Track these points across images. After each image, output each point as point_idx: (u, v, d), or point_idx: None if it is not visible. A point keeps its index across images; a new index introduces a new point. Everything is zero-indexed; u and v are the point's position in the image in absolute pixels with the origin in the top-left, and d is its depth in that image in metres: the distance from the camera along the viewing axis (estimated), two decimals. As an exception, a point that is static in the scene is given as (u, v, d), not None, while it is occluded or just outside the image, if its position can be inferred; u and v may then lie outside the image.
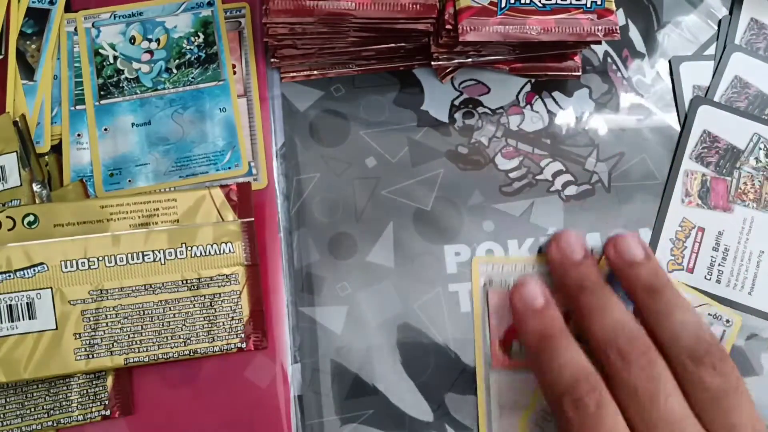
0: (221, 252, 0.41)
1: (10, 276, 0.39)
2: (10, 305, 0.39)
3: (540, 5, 0.43)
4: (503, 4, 0.43)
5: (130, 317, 0.40)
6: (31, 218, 0.40)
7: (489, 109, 0.48)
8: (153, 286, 0.40)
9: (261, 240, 0.44)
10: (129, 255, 0.40)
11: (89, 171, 0.45)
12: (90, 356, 0.39)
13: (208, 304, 0.41)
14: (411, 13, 0.43)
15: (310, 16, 0.42)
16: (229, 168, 0.45)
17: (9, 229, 0.39)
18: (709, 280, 0.45)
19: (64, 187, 0.43)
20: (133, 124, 0.46)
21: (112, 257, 0.40)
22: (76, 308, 0.39)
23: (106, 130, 0.45)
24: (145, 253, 0.40)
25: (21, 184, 0.42)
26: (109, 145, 0.45)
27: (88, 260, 0.40)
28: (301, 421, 0.41)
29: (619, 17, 0.51)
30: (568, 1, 0.43)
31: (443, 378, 0.42)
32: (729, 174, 0.47)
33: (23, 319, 0.39)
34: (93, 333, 0.39)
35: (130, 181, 0.44)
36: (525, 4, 0.43)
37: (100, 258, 0.40)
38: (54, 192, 0.43)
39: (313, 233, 0.44)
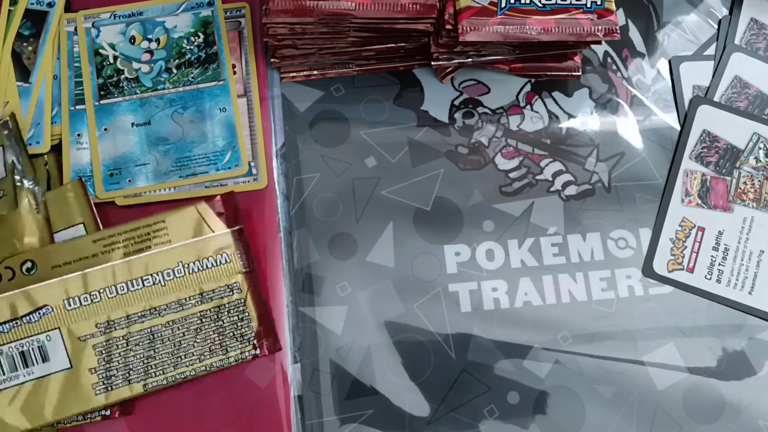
0: (218, 263, 0.41)
1: (17, 323, 0.39)
2: (23, 351, 0.39)
3: (540, 5, 0.43)
4: (503, 4, 0.43)
5: (141, 343, 0.40)
6: (28, 264, 0.40)
7: (489, 109, 0.48)
8: (158, 308, 0.40)
9: (261, 240, 0.44)
10: (129, 283, 0.40)
11: (89, 171, 0.45)
12: (109, 388, 0.39)
13: (215, 317, 0.41)
14: (411, 13, 0.43)
15: (310, 16, 0.42)
16: (229, 168, 0.45)
17: (9, 279, 0.40)
18: (709, 279, 0.45)
19: (63, 186, 0.43)
20: (133, 124, 0.46)
21: (113, 288, 0.40)
22: (87, 343, 0.39)
23: (106, 130, 0.45)
24: (144, 279, 0.40)
25: (6, 176, 0.42)
26: (108, 145, 0.45)
27: (90, 294, 0.40)
28: (301, 421, 0.41)
29: (619, 17, 0.51)
30: (568, 1, 0.43)
31: (443, 378, 0.42)
32: (729, 174, 0.47)
33: (37, 363, 0.39)
34: (108, 365, 0.39)
35: (129, 181, 0.44)
36: (525, 4, 0.43)
37: (101, 290, 0.40)
38: (52, 191, 0.43)
39: (313, 233, 0.44)
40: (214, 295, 0.41)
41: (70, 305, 0.40)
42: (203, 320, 0.41)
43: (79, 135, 0.45)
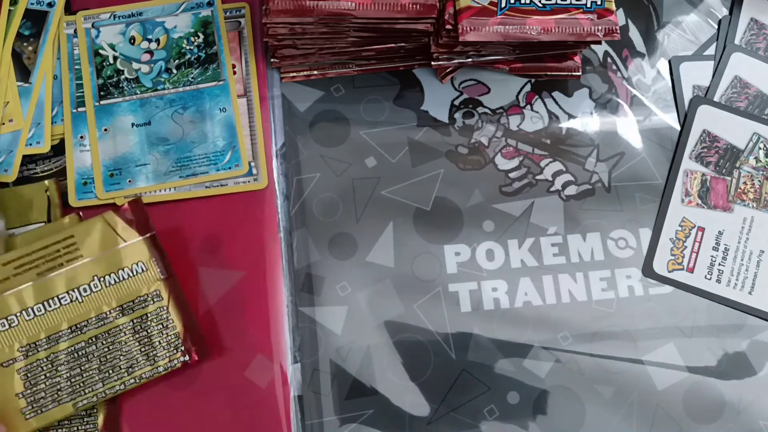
0: (135, 273, 0.40)
1: None
2: None
3: (540, 5, 0.43)
4: (503, 4, 0.43)
5: (66, 363, 0.39)
6: None
7: (489, 109, 0.48)
8: (78, 326, 0.39)
9: (261, 240, 0.44)
10: (45, 303, 0.39)
11: (93, 173, 0.45)
12: (39, 411, 0.39)
13: (139, 327, 0.40)
14: (411, 13, 0.43)
15: (310, 16, 0.42)
16: (230, 168, 0.45)
17: None
18: (709, 279, 0.45)
19: (59, 220, 0.42)
20: (133, 125, 0.46)
21: (30, 310, 0.39)
22: (11, 368, 0.39)
23: (106, 130, 0.45)
24: (60, 297, 0.39)
25: None
26: (109, 145, 0.45)
27: (7, 319, 0.39)
28: (300, 421, 0.41)
29: (619, 17, 0.51)
30: (568, 1, 0.43)
31: (443, 378, 0.42)
32: (729, 174, 0.47)
33: None
34: (34, 388, 0.39)
35: (130, 181, 0.44)
36: (525, 4, 0.43)
37: (18, 314, 0.39)
38: (51, 224, 0.42)
39: (313, 233, 0.44)
40: (134, 305, 0.40)
41: None
42: (126, 332, 0.40)
43: (81, 137, 0.45)
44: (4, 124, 0.45)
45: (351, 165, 0.46)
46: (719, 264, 0.46)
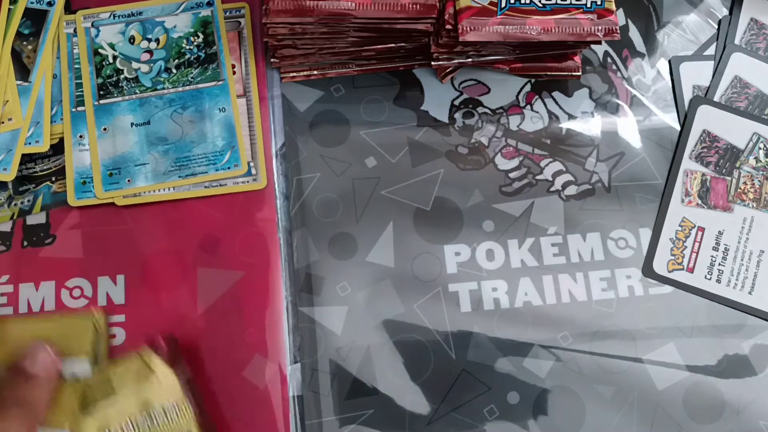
0: (168, 413, 0.38)
1: None
2: None
3: (540, 5, 0.43)
4: (503, 4, 0.43)
5: None
6: None
7: (489, 109, 0.48)
8: None
9: (261, 240, 0.44)
10: None
11: (92, 172, 0.44)
12: None
13: None
14: (411, 13, 0.43)
15: (310, 16, 0.42)
16: (229, 168, 0.45)
17: None
18: (709, 279, 0.45)
19: (125, 357, 0.40)
20: (132, 124, 0.46)
21: None
22: None
23: (105, 129, 0.45)
24: None
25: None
26: (108, 144, 0.45)
27: None
28: (300, 421, 0.41)
29: (619, 17, 0.51)
30: (568, 1, 0.43)
31: (443, 378, 0.42)
32: (729, 174, 0.47)
33: None
34: None
35: (129, 180, 0.44)
36: (525, 4, 0.43)
37: None
38: (113, 367, 0.40)
39: (313, 233, 0.44)
40: None
41: None
42: None
43: (81, 137, 0.45)
44: (3, 122, 0.45)
45: (351, 165, 0.46)
46: (719, 264, 0.46)
